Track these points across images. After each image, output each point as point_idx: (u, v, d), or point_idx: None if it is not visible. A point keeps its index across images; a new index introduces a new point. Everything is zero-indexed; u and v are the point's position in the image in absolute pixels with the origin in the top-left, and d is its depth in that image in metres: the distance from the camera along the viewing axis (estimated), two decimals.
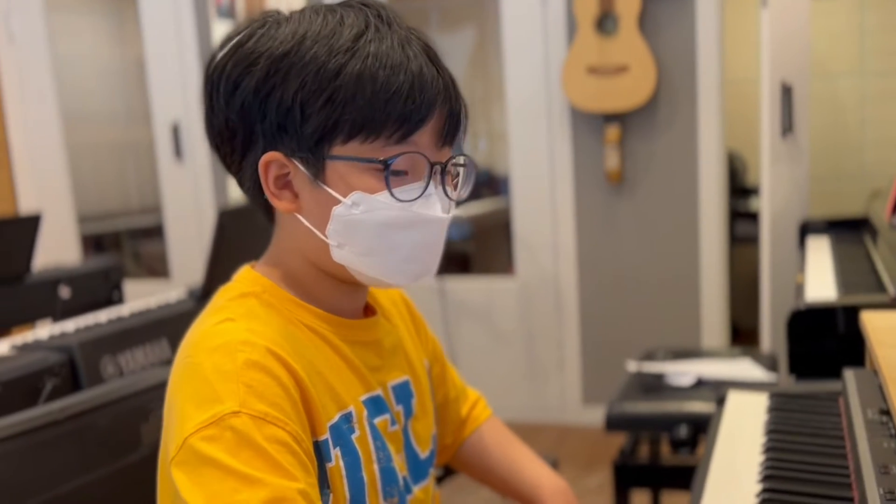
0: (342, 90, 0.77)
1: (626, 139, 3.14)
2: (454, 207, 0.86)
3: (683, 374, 1.90)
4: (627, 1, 2.98)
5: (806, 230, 2.40)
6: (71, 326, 1.77)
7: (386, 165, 0.79)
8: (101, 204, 4.16)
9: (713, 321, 3.16)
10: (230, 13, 3.57)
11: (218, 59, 0.83)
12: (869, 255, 1.95)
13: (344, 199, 0.80)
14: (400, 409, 0.93)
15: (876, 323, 1.05)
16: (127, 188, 4.27)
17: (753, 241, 3.62)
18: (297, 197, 0.83)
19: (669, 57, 3.05)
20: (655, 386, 1.90)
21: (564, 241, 3.29)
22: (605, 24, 3.03)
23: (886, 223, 1.87)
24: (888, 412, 0.85)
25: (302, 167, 0.81)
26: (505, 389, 3.45)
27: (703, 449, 0.98)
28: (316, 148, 0.80)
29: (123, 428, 0.83)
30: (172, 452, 0.74)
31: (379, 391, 0.90)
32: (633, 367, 2.03)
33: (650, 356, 2.15)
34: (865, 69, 3.38)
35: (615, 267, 3.25)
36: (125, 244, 4.40)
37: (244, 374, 0.75)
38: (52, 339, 1.66)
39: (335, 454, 0.82)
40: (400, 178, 0.81)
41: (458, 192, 0.87)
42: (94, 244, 4.15)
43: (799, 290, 1.66)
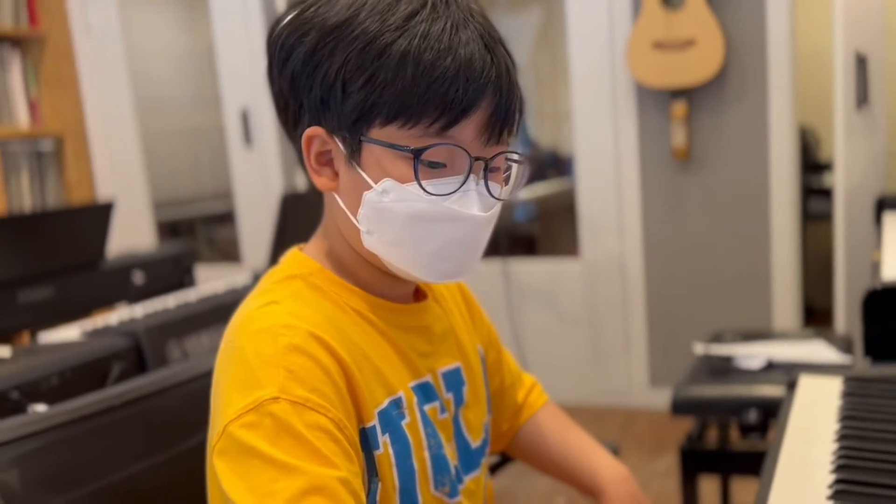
0: (383, 71, 0.75)
1: (693, 115, 3.06)
2: (498, 207, 0.82)
3: (753, 356, 1.85)
4: None
5: (882, 206, 2.30)
6: (140, 312, 1.81)
7: (416, 155, 0.76)
8: (175, 190, 4.25)
9: (785, 302, 3.08)
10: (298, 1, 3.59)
11: (279, 26, 0.82)
12: None
13: (375, 184, 0.78)
14: (450, 396, 0.91)
15: None
16: (199, 174, 4.35)
17: (827, 217, 3.50)
18: (336, 176, 0.82)
19: (738, 29, 2.96)
20: (724, 369, 1.85)
21: (630, 220, 3.23)
22: None
23: None
24: None
25: (341, 145, 0.79)
26: (570, 372, 3.42)
27: (773, 434, 0.95)
28: (353, 128, 0.78)
29: (187, 410, 0.84)
30: (214, 440, 0.74)
31: (428, 378, 0.88)
32: (700, 349, 1.99)
33: (718, 338, 2.10)
34: None
35: (682, 246, 3.19)
36: (199, 230, 4.49)
37: (285, 358, 0.73)
38: (121, 324, 1.70)
39: (384, 441, 0.80)
40: (437, 170, 0.77)
41: (506, 190, 0.83)
42: (169, 230, 4.25)
43: (875, 268, 1.59)
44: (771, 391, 1.69)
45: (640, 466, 2.76)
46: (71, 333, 1.68)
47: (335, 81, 0.77)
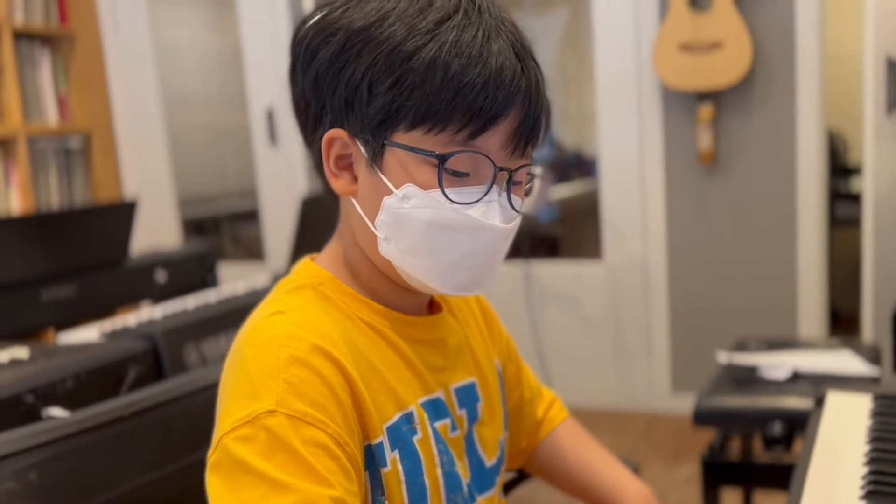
0: (411, 74, 0.73)
1: (719, 118, 3.03)
2: (518, 220, 0.80)
3: (778, 366, 1.82)
4: None
5: None
6: (159, 313, 1.80)
7: (441, 161, 0.74)
8: (200, 188, 4.27)
9: (811, 309, 3.03)
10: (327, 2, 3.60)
11: (304, 27, 0.81)
12: None
13: (396, 189, 0.76)
14: (463, 413, 0.88)
15: None
16: (225, 172, 4.37)
17: (855, 223, 3.45)
18: (355, 181, 0.80)
19: (766, 32, 2.92)
20: (748, 379, 1.82)
21: (654, 224, 3.20)
22: None
23: None
24: None
25: (362, 149, 0.78)
26: (592, 376, 3.40)
27: (798, 447, 0.92)
28: (377, 130, 0.76)
29: (204, 418, 0.83)
30: (210, 451, 0.72)
31: (439, 394, 0.85)
32: (723, 358, 1.96)
33: (742, 346, 2.07)
34: None
35: (707, 251, 3.15)
36: (224, 227, 4.50)
37: (286, 370, 0.71)
38: (139, 326, 1.69)
39: (392, 458, 0.77)
40: (460, 178, 0.76)
41: (526, 203, 0.82)
42: (194, 227, 4.27)
43: None
44: (796, 403, 1.66)
45: (661, 473, 2.73)
46: (90, 334, 1.68)
47: (361, 83, 0.75)
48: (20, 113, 3.35)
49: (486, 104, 0.73)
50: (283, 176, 3.69)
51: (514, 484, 1.16)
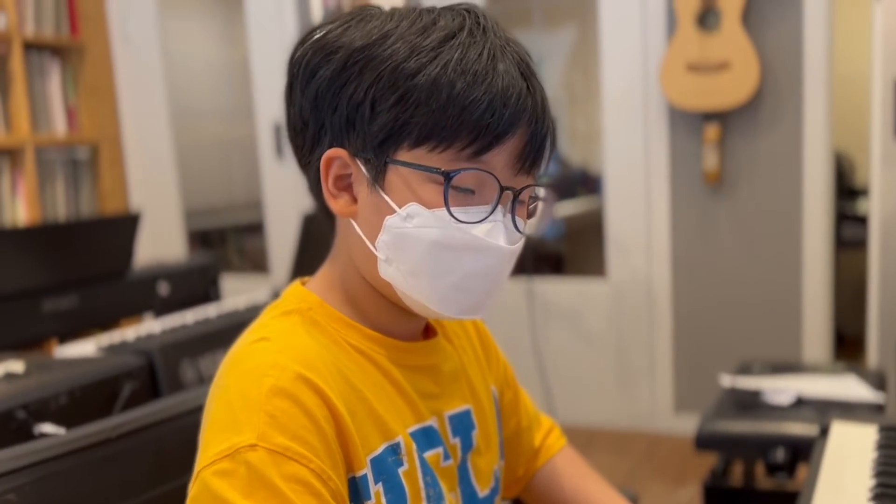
0: (416, 91, 0.72)
1: (726, 138, 3.02)
2: (522, 242, 0.78)
3: (782, 391, 1.81)
4: None
5: None
6: (158, 327, 1.79)
7: (447, 178, 0.73)
8: (207, 200, 4.27)
9: (816, 331, 3.01)
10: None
11: (302, 47, 0.80)
12: None
13: (399, 209, 0.75)
14: (457, 441, 0.86)
15: None
16: (232, 184, 4.38)
17: (861, 244, 3.43)
18: (354, 202, 0.78)
19: (774, 52, 2.92)
20: (751, 403, 1.80)
21: (659, 242, 3.19)
22: (706, 19, 2.91)
23: None
24: None
25: (364, 169, 0.76)
26: (594, 394, 3.38)
27: (801, 474, 0.91)
28: (380, 149, 0.75)
29: (195, 439, 0.82)
30: (190, 483, 0.70)
31: (432, 421, 0.83)
32: (727, 381, 1.94)
33: (746, 369, 2.05)
34: None
35: (712, 271, 3.14)
36: (230, 239, 4.50)
37: (268, 402, 0.69)
38: (137, 340, 1.68)
39: (376, 491, 0.75)
40: (465, 196, 0.75)
41: (529, 224, 0.81)
42: (200, 239, 4.27)
43: None
44: (800, 430, 1.65)
45: (662, 496, 2.71)
46: (87, 348, 1.67)
47: (364, 100, 0.74)
48: (29, 123, 3.36)
49: (492, 122, 0.72)
50: (288, 189, 3.69)
51: None
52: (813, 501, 0.85)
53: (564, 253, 4.22)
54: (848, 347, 3.78)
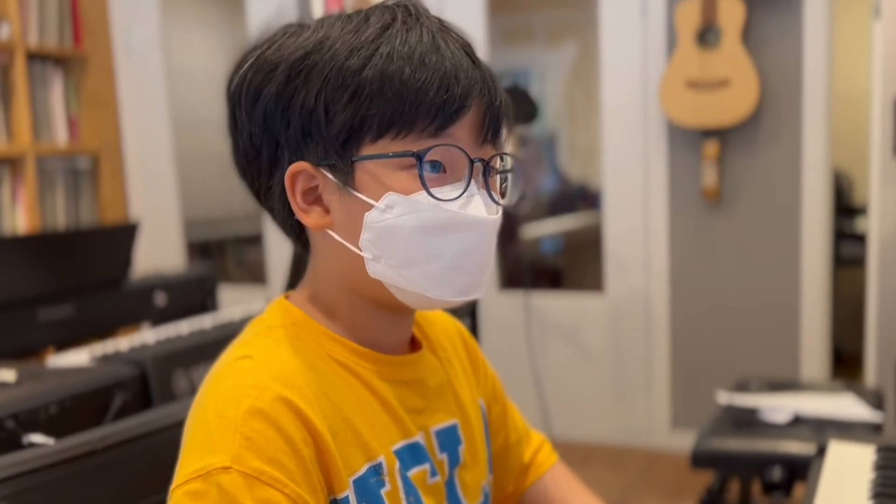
0: (367, 84, 0.72)
1: (725, 155, 3.02)
2: (500, 211, 0.78)
3: (779, 409, 1.80)
4: (731, 13, 2.87)
5: None
6: (152, 337, 1.79)
7: (419, 158, 0.73)
8: (207, 211, 4.27)
9: (813, 348, 3.01)
10: None
11: (239, 72, 0.79)
12: None
13: (376, 202, 0.74)
14: (444, 457, 0.84)
15: None
16: (232, 195, 4.37)
17: (859, 262, 3.44)
18: (327, 212, 0.77)
19: (774, 70, 2.93)
20: (748, 421, 1.80)
21: (657, 259, 3.19)
22: (706, 36, 2.92)
23: None
24: None
25: (330, 175, 0.75)
26: (591, 410, 3.37)
27: (798, 493, 0.90)
28: (343, 150, 0.74)
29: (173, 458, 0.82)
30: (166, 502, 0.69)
31: (418, 437, 0.81)
32: (724, 398, 1.93)
33: (743, 387, 2.05)
34: None
35: (710, 287, 3.13)
36: (229, 250, 4.50)
37: (245, 423, 0.67)
38: (130, 350, 1.67)
39: None
40: (438, 176, 0.74)
41: (503, 196, 0.80)
42: (200, 250, 4.26)
43: None
44: (797, 448, 1.64)
45: None
46: (80, 358, 1.66)
47: (316, 107, 0.73)
48: (30, 132, 3.36)
49: (448, 98, 0.73)
50: None
51: None
52: None
53: (562, 268, 4.22)
54: (845, 365, 3.78)
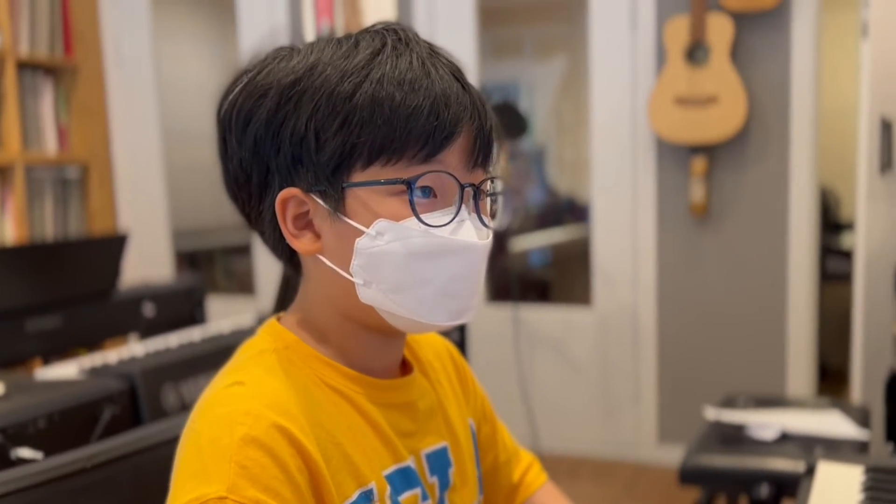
0: (358, 111, 0.72)
1: (712, 171, 3.05)
2: (490, 235, 0.78)
3: (766, 426, 1.81)
4: (720, 30, 2.90)
5: None
6: (141, 350, 1.78)
7: (409, 185, 0.73)
8: (196, 221, 4.27)
9: (800, 363, 3.03)
10: None
11: (229, 97, 0.79)
12: None
13: (367, 229, 0.74)
14: (434, 480, 0.84)
15: None
16: (221, 206, 4.35)
17: (844, 278, 3.46)
18: (318, 237, 0.77)
19: (762, 88, 2.96)
20: (735, 438, 1.81)
21: (645, 273, 3.21)
22: (695, 53, 2.95)
23: None
24: None
25: (321, 201, 0.75)
26: (578, 423, 3.38)
27: None
28: (333, 177, 0.74)
29: (166, 473, 0.82)
30: None
31: (410, 461, 0.81)
32: (711, 414, 1.95)
33: (730, 402, 2.06)
34: None
35: (697, 302, 3.15)
36: (218, 260, 4.49)
37: (240, 451, 0.67)
38: (119, 363, 1.66)
39: None
40: (428, 201, 0.74)
41: (494, 219, 0.80)
42: (188, 260, 4.25)
43: None
44: (784, 465, 1.65)
45: None
46: (69, 370, 1.66)
47: (306, 133, 0.73)
48: (19, 141, 3.35)
49: (437, 124, 0.73)
50: None
51: None
52: None
53: (550, 281, 4.23)
54: (831, 380, 3.80)
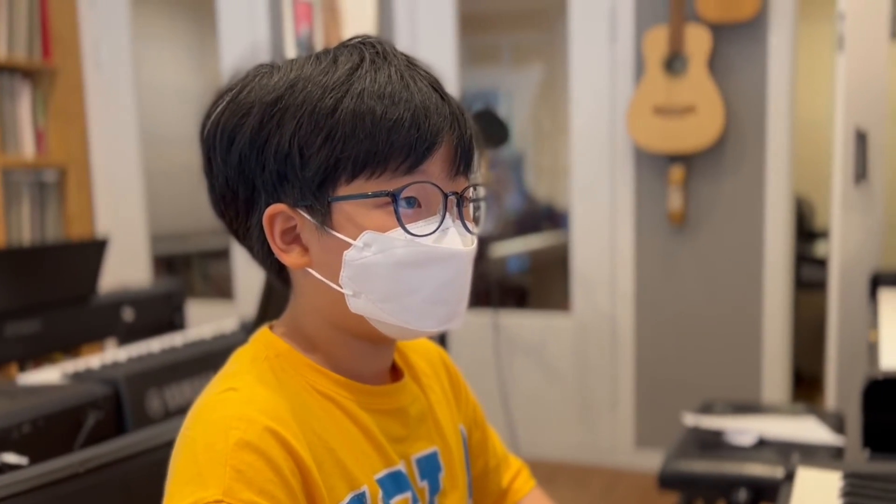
0: (340, 126, 0.74)
1: (690, 180, 3.08)
2: (475, 241, 0.80)
3: (744, 432, 1.84)
4: (698, 41, 2.94)
5: (877, 282, 2.31)
6: (123, 355, 1.78)
7: (394, 197, 0.75)
8: (174, 225, 4.25)
9: (775, 370, 3.07)
10: (308, 45, 3.63)
11: (213, 116, 0.80)
12: None
13: (354, 241, 0.76)
14: (425, 484, 0.86)
15: None
16: (199, 210, 4.35)
17: (819, 286, 3.52)
18: (306, 251, 0.79)
19: (739, 98, 3.00)
20: (714, 443, 1.84)
21: (623, 279, 3.24)
22: (673, 64, 2.99)
23: None
24: None
25: (308, 216, 0.77)
26: (556, 428, 3.40)
27: None
28: (319, 192, 0.76)
29: (162, 476, 0.83)
30: None
31: (400, 466, 0.83)
32: (690, 420, 1.97)
33: (708, 409, 2.09)
34: None
35: (674, 309, 3.19)
36: (195, 265, 4.48)
37: (234, 455, 0.69)
38: (102, 368, 1.66)
39: None
40: (413, 211, 0.76)
41: (477, 225, 0.82)
42: (166, 264, 4.24)
43: (873, 350, 1.59)
44: (762, 471, 1.68)
45: None
46: (52, 375, 1.65)
47: (290, 150, 0.75)
48: None
49: (419, 136, 0.74)
50: None
51: None
52: None
53: (529, 287, 4.25)
54: (805, 387, 3.85)
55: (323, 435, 0.77)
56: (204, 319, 2.50)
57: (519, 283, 4.20)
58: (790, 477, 1.07)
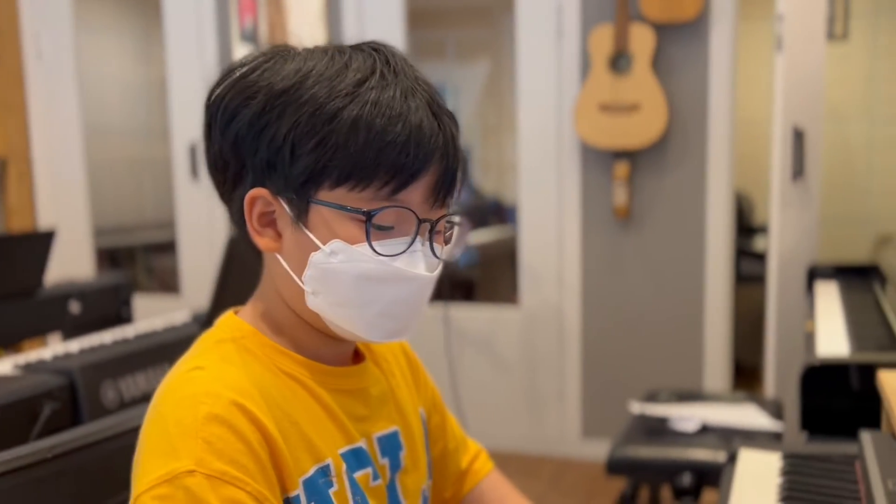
0: (334, 135, 0.76)
1: (634, 176, 3.16)
2: (441, 267, 0.83)
3: (688, 419, 1.91)
4: (642, 41, 3.00)
5: (814, 275, 2.41)
6: (75, 347, 1.76)
7: (368, 217, 0.77)
8: (117, 218, 4.20)
9: (716, 360, 3.17)
10: (252, 37, 3.61)
11: (220, 88, 0.82)
12: (879, 304, 1.96)
13: (323, 245, 0.78)
14: (385, 462, 0.89)
15: (894, 384, 1.06)
16: (143, 204, 4.30)
17: (757, 280, 3.62)
18: (279, 237, 0.82)
19: (681, 96, 3.08)
20: (659, 430, 1.90)
21: (570, 273, 3.30)
22: (618, 62, 3.05)
23: None
24: None
25: (287, 207, 0.80)
26: (505, 419, 3.45)
27: (705, 498, 0.98)
28: (301, 189, 0.78)
29: (121, 466, 0.83)
30: None
31: (361, 443, 0.86)
32: (636, 408, 2.03)
33: (653, 397, 2.15)
34: (875, 116, 3.41)
35: (619, 301, 3.26)
36: (139, 258, 4.43)
37: (204, 428, 0.72)
38: (55, 359, 1.65)
39: None
40: (385, 232, 0.79)
41: (447, 250, 0.85)
42: (109, 257, 4.18)
43: (809, 340, 1.66)
44: (705, 455, 1.74)
45: None
46: (4, 367, 1.63)
47: (283, 144, 0.77)
48: None
49: (407, 161, 0.76)
50: (203, 210, 3.66)
51: None
52: None
53: (476, 280, 4.30)
54: (744, 377, 3.97)
55: (287, 410, 0.80)
56: (150, 314, 2.48)
57: (467, 276, 4.24)
58: (733, 458, 1.13)
